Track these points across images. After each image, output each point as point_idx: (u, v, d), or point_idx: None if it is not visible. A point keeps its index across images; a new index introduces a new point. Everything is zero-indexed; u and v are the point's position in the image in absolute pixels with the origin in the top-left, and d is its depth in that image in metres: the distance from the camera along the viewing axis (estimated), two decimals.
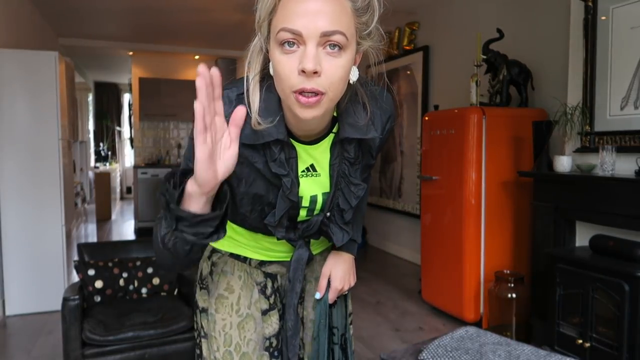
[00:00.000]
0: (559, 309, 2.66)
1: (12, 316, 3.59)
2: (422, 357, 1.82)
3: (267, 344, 1.13)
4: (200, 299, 1.17)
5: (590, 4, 2.81)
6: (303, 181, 0.99)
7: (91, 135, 10.68)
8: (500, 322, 3.11)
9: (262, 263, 1.14)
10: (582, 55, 2.87)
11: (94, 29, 6.07)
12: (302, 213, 1.03)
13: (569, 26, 3.04)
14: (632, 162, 2.56)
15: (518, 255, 3.38)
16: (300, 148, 0.97)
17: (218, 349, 1.11)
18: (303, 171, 0.99)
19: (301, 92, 0.81)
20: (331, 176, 1.00)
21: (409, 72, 5.20)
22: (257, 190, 0.96)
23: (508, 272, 3.18)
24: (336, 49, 0.81)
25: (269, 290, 1.14)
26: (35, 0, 4.84)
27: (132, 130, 9.18)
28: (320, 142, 0.98)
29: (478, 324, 3.29)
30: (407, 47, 5.16)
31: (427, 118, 3.78)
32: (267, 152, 0.92)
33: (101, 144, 11.06)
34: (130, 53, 7.41)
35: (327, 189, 1.02)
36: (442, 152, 3.52)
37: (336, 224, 1.06)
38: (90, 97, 10.90)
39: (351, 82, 0.89)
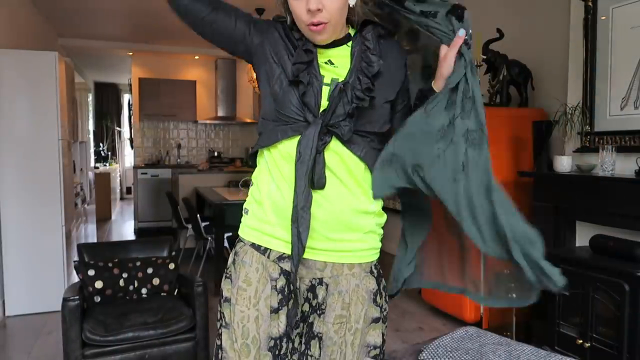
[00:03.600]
0: (559, 309, 2.66)
1: (12, 317, 3.59)
2: (422, 357, 1.82)
3: (272, 344, 1.12)
4: (225, 288, 1.19)
5: (590, 4, 2.81)
6: (324, 67, 1.13)
7: (91, 136, 10.68)
8: (500, 322, 3.11)
9: (280, 258, 1.14)
10: (582, 55, 2.87)
11: (94, 29, 6.07)
12: (325, 92, 1.11)
13: (569, 26, 3.04)
14: (632, 162, 2.56)
15: None
16: (317, 50, 1.14)
17: (236, 340, 1.13)
18: (323, 63, 1.14)
19: (311, 24, 1.07)
20: (352, 56, 1.14)
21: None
22: (282, 59, 1.14)
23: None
24: None
25: (279, 288, 1.13)
26: (35, 0, 4.84)
27: (132, 131, 9.18)
28: (339, 47, 1.15)
29: (478, 324, 3.28)
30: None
31: None
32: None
33: (101, 144, 11.06)
34: (130, 53, 7.41)
35: (345, 76, 1.13)
36: None
37: (354, 93, 1.10)
38: (90, 97, 10.90)
39: (351, 5, 1.11)
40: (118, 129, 11.53)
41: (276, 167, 1.14)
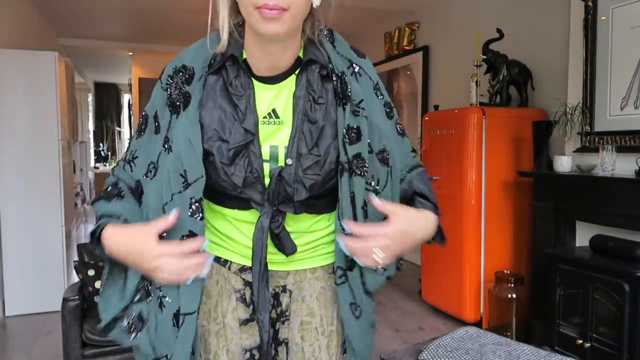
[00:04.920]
0: (559, 309, 2.66)
1: (12, 317, 3.59)
2: (422, 357, 1.82)
3: (248, 356, 1.06)
4: None
5: (590, 4, 2.81)
6: (263, 128, 0.96)
7: (91, 136, 10.69)
8: (500, 322, 3.11)
9: (242, 269, 1.06)
10: (582, 55, 2.87)
11: (94, 29, 6.07)
12: (266, 169, 0.96)
13: (569, 26, 3.04)
14: (632, 162, 2.56)
15: (518, 255, 3.38)
16: (262, 88, 0.97)
17: (200, 356, 1.05)
18: (265, 117, 0.97)
19: (264, 7, 0.84)
20: (294, 110, 0.96)
21: (408, 72, 5.20)
22: (215, 124, 0.95)
23: (508, 272, 3.18)
24: None
25: (248, 300, 1.06)
26: (35, 0, 4.84)
27: (132, 131, 9.17)
28: (285, 80, 0.97)
29: (478, 324, 3.28)
30: (407, 47, 5.16)
31: (427, 118, 3.79)
32: (224, 74, 0.96)
33: (101, 145, 11.07)
34: (130, 53, 7.41)
35: (287, 143, 0.96)
36: (442, 153, 3.52)
37: (297, 175, 0.94)
38: (90, 98, 10.90)
39: (314, 5, 0.91)
40: (118, 129, 11.53)
41: (233, 220, 1.03)
